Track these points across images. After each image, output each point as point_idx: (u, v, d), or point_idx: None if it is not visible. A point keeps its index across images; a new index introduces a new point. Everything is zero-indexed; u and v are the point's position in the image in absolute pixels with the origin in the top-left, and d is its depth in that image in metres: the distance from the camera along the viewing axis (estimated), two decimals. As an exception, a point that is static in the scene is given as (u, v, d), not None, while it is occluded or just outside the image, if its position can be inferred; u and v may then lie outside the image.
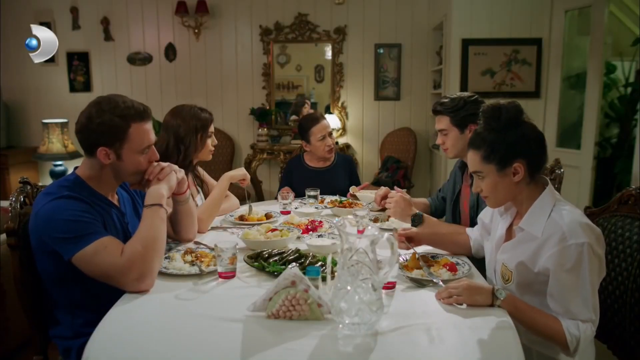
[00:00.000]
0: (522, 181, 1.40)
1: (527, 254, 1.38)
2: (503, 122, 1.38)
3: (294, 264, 1.48)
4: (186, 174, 1.72)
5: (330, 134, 2.81)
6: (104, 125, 1.43)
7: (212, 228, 2.09)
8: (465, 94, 2.05)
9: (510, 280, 1.43)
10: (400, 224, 2.08)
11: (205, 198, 2.23)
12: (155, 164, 1.58)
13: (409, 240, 1.69)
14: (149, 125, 1.52)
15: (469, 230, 1.81)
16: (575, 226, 1.29)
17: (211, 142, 2.20)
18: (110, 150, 1.46)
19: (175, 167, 1.64)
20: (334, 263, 1.35)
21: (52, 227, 1.36)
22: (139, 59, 5.25)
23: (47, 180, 4.88)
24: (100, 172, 1.51)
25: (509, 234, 1.51)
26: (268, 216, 2.22)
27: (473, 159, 1.44)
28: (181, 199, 1.77)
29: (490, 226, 1.64)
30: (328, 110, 5.21)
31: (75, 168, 1.55)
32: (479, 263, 1.71)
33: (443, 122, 2.03)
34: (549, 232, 1.33)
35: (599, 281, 1.34)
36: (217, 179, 2.42)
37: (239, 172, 2.30)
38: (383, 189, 2.22)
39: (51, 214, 1.37)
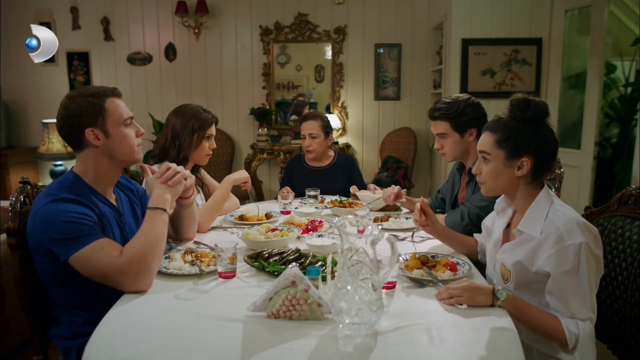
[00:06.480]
0: (524, 178, 1.40)
1: (525, 253, 1.38)
2: (528, 115, 1.39)
3: (294, 264, 1.48)
4: None
5: (310, 135, 2.81)
6: (81, 107, 1.46)
7: (212, 228, 2.09)
8: (462, 96, 2.02)
9: (509, 280, 1.43)
10: (400, 224, 2.08)
11: (206, 199, 2.22)
12: (172, 166, 1.59)
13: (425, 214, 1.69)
14: (122, 102, 1.54)
15: (476, 235, 1.80)
16: (572, 226, 1.30)
17: (209, 145, 2.18)
18: (97, 130, 1.47)
19: (188, 172, 1.65)
20: (334, 263, 1.34)
21: (50, 227, 1.36)
22: (139, 59, 5.25)
23: (47, 180, 4.88)
24: (95, 164, 1.50)
25: (507, 234, 1.52)
26: (268, 216, 2.22)
27: (486, 140, 1.44)
28: (185, 203, 1.77)
29: (491, 229, 1.64)
30: (328, 110, 5.21)
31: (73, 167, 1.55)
32: (479, 263, 1.72)
33: (442, 126, 2.01)
34: (546, 232, 1.34)
35: (598, 280, 1.34)
36: (217, 178, 2.42)
37: (242, 175, 2.30)
38: (396, 188, 2.26)
39: (49, 215, 1.37)
